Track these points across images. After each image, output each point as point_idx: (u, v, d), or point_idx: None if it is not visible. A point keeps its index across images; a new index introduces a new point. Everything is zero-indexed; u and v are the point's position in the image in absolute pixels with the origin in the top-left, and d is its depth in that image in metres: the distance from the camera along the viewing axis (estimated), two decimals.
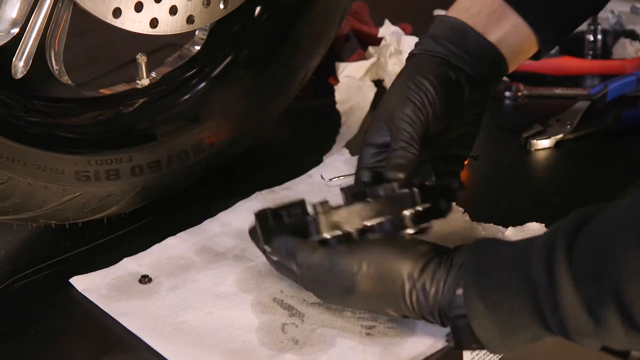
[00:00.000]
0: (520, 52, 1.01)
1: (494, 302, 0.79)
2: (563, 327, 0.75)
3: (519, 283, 0.77)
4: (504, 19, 0.99)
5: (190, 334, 0.91)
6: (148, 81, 1.16)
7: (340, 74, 1.38)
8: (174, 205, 1.14)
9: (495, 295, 0.79)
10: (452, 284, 0.83)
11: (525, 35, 1.00)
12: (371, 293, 0.85)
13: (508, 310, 0.78)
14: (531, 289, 0.76)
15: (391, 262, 0.85)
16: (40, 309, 0.98)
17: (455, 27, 0.99)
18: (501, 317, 0.79)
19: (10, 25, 0.99)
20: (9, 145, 0.97)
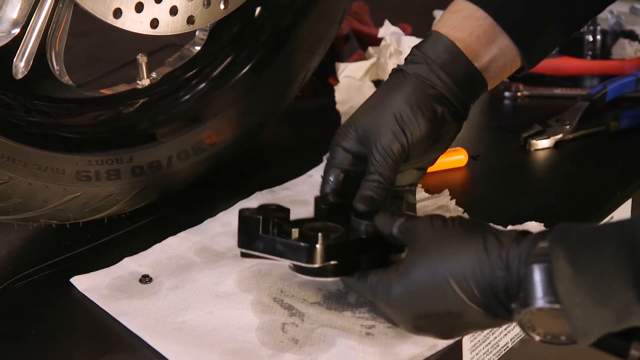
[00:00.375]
0: (503, 73, 1.02)
1: (583, 262, 0.72)
2: None
3: (616, 243, 0.72)
4: (492, 42, 0.99)
5: (190, 334, 0.91)
6: (148, 81, 1.16)
7: (340, 74, 1.39)
8: (174, 205, 1.14)
9: (587, 256, 0.72)
10: (532, 240, 0.76)
11: (511, 57, 1.00)
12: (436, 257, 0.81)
13: (600, 273, 0.71)
14: (631, 249, 0.71)
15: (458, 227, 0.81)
16: (41, 308, 0.98)
17: (448, 51, 0.98)
18: (590, 280, 0.71)
19: (11, 26, 1.00)
20: (10, 145, 0.98)
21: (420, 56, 0.98)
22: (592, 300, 0.72)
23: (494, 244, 0.78)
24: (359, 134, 0.97)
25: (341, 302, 0.94)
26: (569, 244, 0.74)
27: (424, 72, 0.97)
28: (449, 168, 1.18)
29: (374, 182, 0.94)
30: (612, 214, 1.10)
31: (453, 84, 0.98)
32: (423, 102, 0.96)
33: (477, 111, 1.35)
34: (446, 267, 0.80)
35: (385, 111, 0.96)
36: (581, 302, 0.72)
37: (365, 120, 0.97)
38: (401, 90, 0.97)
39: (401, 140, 0.95)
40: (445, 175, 1.18)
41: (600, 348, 1.51)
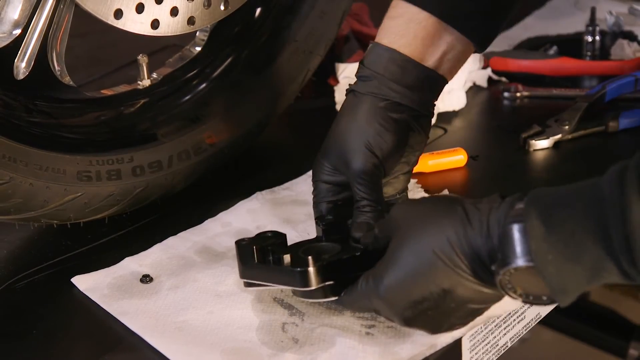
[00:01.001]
0: (459, 63, 1.02)
1: (555, 221, 0.74)
2: (629, 244, 0.70)
3: (585, 201, 0.73)
4: (438, 39, 0.99)
5: (191, 333, 0.92)
6: (149, 82, 1.16)
7: (340, 74, 1.39)
8: (174, 205, 1.14)
9: (558, 215, 0.74)
10: (509, 202, 0.78)
11: (462, 47, 1.00)
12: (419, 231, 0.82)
13: (570, 231, 0.73)
14: (599, 206, 0.72)
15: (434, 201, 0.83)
16: (42, 308, 0.98)
17: (393, 60, 0.98)
18: (561, 238, 0.73)
19: (12, 27, 1.00)
20: (11, 145, 0.98)
21: (368, 73, 0.99)
22: (564, 257, 0.73)
23: (474, 212, 0.80)
24: (332, 166, 0.99)
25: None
26: (542, 203, 0.75)
27: (375, 88, 0.98)
28: (449, 168, 1.18)
29: (365, 208, 0.95)
30: None
31: (406, 90, 0.98)
32: (382, 117, 0.97)
33: (477, 112, 1.35)
34: (430, 242, 0.81)
35: (349, 137, 0.98)
36: (553, 258, 0.74)
37: (333, 151, 0.99)
38: (358, 111, 0.98)
39: (373, 161, 0.97)
40: (445, 176, 1.18)
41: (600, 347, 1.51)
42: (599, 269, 0.73)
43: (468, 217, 0.80)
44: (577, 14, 1.54)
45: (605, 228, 0.72)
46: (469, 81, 1.37)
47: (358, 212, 0.96)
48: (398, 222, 0.85)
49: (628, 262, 0.72)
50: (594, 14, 1.46)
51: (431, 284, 0.81)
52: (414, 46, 0.98)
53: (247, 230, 1.08)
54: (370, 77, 0.99)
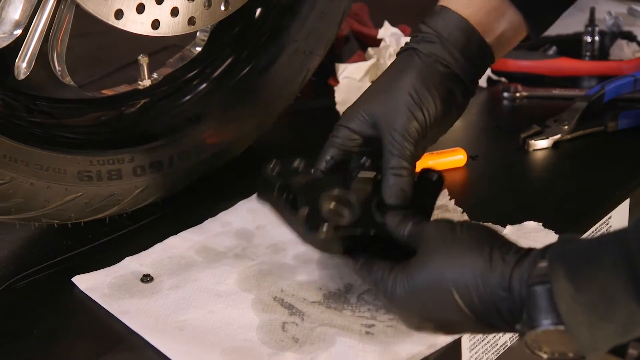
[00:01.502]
0: (509, 46, 1.01)
1: (583, 279, 0.71)
2: None
3: (613, 256, 0.71)
4: (502, 16, 0.97)
5: (191, 333, 0.92)
6: (150, 82, 1.17)
7: (340, 74, 1.39)
8: (175, 205, 1.14)
9: (586, 271, 0.72)
10: (534, 257, 0.76)
11: (518, 30, 0.99)
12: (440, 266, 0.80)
13: (601, 288, 0.71)
14: (627, 258, 0.70)
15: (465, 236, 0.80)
16: (43, 307, 0.98)
17: (461, 28, 0.96)
18: (591, 296, 0.71)
19: (13, 27, 1.00)
20: (12, 145, 0.98)
21: (432, 34, 0.96)
22: (596, 316, 0.71)
23: (499, 262, 0.77)
24: (368, 117, 0.95)
25: (341, 301, 0.95)
26: (567, 261, 0.73)
27: (438, 51, 0.95)
28: (448, 168, 1.18)
29: (401, 170, 0.92)
30: (610, 214, 1.10)
31: (466, 62, 0.96)
32: (438, 81, 0.95)
33: (476, 112, 1.35)
34: (450, 277, 0.79)
35: (399, 91, 0.94)
36: (584, 319, 0.72)
37: (376, 102, 0.95)
38: (415, 68, 0.95)
39: (419, 119, 0.93)
40: (445, 175, 1.18)
41: None
42: (632, 324, 0.71)
43: (491, 265, 0.78)
44: (577, 15, 1.54)
45: (636, 282, 0.70)
46: None
47: (391, 172, 0.92)
48: (428, 240, 0.83)
49: None
50: (593, 14, 1.47)
51: (441, 313, 0.80)
52: (479, 18, 0.96)
53: (248, 230, 1.08)
54: (435, 39, 0.96)
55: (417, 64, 0.96)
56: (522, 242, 1.00)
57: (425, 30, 0.97)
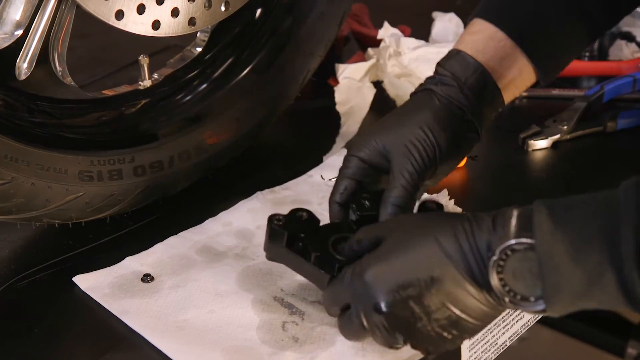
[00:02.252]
0: (518, 91, 1.03)
1: (563, 220, 0.74)
2: (638, 245, 0.70)
3: (597, 203, 0.73)
4: (513, 63, 1.00)
5: (191, 332, 0.92)
6: (150, 82, 1.17)
7: (340, 75, 1.39)
8: (175, 205, 1.15)
9: (568, 214, 0.74)
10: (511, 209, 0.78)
11: (528, 76, 1.01)
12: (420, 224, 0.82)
13: (577, 230, 0.73)
14: (611, 207, 0.72)
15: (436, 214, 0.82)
16: (44, 307, 0.99)
17: (477, 74, 0.98)
18: (568, 235, 0.73)
19: (14, 27, 1.00)
20: (13, 145, 0.98)
21: (449, 77, 0.98)
22: (567, 255, 0.73)
23: (481, 215, 0.80)
24: (380, 147, 0.97)
25: None
26: (554, 204, 0.76)
27: (454, 94, 0.98)
28: None
29: (399, 200, 0.93)
30: None
31: (479, 106, 0.98)
32: (452, 122, 0.97)
33: None
34: (435, 229, 0.80)
35: (413, 126, 0.96)
36: (555, 253, 0.73)
37: (389, 134, 0.97)
38: (430, 107, 0.97)
39: (430, 155, 0.95)
40: None
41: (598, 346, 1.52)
42: (598, 274, 0.72)
43: (476, 217, 0.79)
44: None
45: (614, 231, 0.71)
46: None
47: (390, 202, 0.93)
48: (393, 225, 0.85)
49: (631, 268, 0.71)
50: None
51: (421, 268, 0.80)
52: (492, 65, 0.99)
53: (248, 230, 1.08)
54: (452, 83, 0.98)
55: (434, 103, 0.98)
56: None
57: (442, 73, 0.99)
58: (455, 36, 1.41)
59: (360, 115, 1.33)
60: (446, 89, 0.98)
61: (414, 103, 0.99)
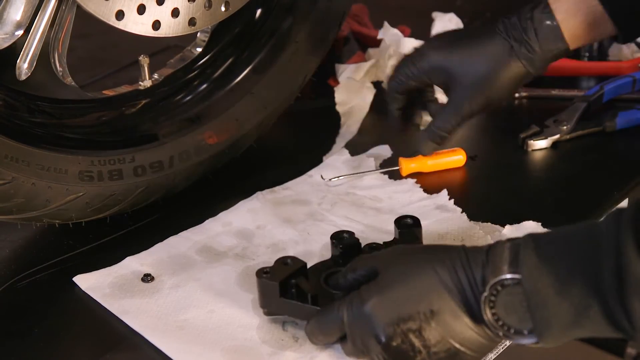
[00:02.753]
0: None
1: (549, 253, 0.75)
2: (619, 281, 0.70)
3: (580, 238, 0.75)
4: (597, 29, 1.07)
5: (192, 332, 0.92)
6: (150, 82, 1.17)
7: (340, 75, 1.39)
8: (175, 204, 1.15)
9: (553, 247, 0.75)
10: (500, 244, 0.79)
11: (606, 36, 1.09)
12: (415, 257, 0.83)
13: (562, 264, 0.74)
14: (594, 240, 0.73)
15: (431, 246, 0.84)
16: (44, 307, 0.99)
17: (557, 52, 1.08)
18: (553, 270, 0.74)
19: (14, 28, 1.00)
20: (13, 145, 0.98)
21: (528, 41, 1.07)
22: (553, 290, 0.74)
23: (474, 249, 0.80)
24: (444, 71, 1.08)
25: None
26: (539, 238, 0.76)
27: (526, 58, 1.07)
28: (448, 168, 1.19)
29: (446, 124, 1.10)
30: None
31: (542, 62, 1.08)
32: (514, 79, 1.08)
33: None
34: (432, 261, 0.81)
35: (481, 67, 1.06)
36: (542, 288, 0.74)
37: (458, 65, 1.08)
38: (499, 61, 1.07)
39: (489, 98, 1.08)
40: (444, 175, 1.18)
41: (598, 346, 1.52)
42: (584, 307, 0.73)
43: (471, 251, 0.80)
44: None
45: (597, 263, 0.72)
46: None
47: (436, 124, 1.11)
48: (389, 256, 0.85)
49: (615, 300, 0.72)
50: None
51: (422, 300, 0.80)
52: (575, 31, 1.07)
53: (248, 229, 1.09)
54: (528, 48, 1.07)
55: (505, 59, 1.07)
56: None
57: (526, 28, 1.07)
58: None
59: (360, 115, 1.33)
60: (524, 53, 1.07)
61: (486, 45, 1.08)
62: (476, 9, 1.57)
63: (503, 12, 1.10)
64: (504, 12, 1.10)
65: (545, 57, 1.08)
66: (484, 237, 1.04)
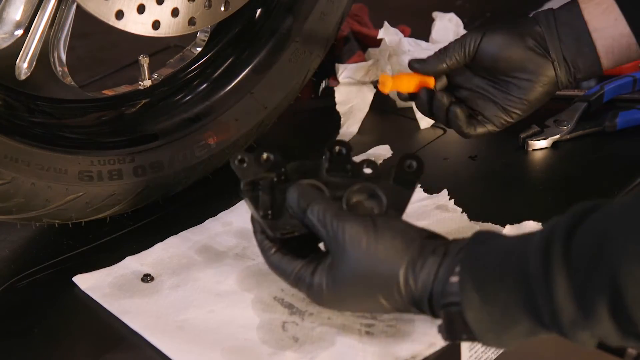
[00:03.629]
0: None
1: (489, 293, 0.78)
2: (556, 319, 0.74)
3: (515, 275, 0.77)
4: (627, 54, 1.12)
5: (191, 332, 0.92)
6: (150, 82, 1.17)
7: (340, 75, 1.39)
8: (175, 204, 1.15)
9: (491, 287, 0.78)
10: (447, 269, 0.82)
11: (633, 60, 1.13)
12: (365, 274, 0.85)
13: (503, 303, 0.77)
14: (526, 281, 0.76)
15: (387, 243, 0.84)
16: (44, 307, 0.99)
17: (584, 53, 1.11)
18: (495, 310, 0.78)
19: (14, 27, 1.00)
20: (13, 145, 0.98)
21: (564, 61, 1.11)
22: (499, 328, 0.78)
23: (417, 275, 0.83)
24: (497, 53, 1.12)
25: None
26: (476, 276, 0.80)
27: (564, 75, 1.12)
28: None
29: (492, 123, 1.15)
30: None
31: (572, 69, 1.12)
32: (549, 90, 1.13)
33: None
34: (376, 283, 0.84)
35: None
36: (490, 328, 0.79)
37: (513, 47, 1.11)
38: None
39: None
40: (444, 176, 1.18)
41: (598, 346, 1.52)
42: (533, 334, 0.78)
43: (409, 279, 0.83)
44: None
45: (534, 303, 0.76)
46: None
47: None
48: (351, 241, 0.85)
49: (560, 333, 0.75)
50: None
51: (366, 309, 0.89)
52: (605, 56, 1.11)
53: (248, 229, 1.08)
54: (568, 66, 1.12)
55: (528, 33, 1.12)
56: None
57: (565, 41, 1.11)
58: (455, 36, 1.41)
59: (360, 115, 1.33)
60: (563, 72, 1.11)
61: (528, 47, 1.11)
62: (476, 9, 1.57)
63: (503, 12, 1.10)
64: (504, 12, 1.10)
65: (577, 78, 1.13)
66: None
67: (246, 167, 0.92)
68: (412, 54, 1.36)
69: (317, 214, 0.87)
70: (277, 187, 0.92)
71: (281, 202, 0.91)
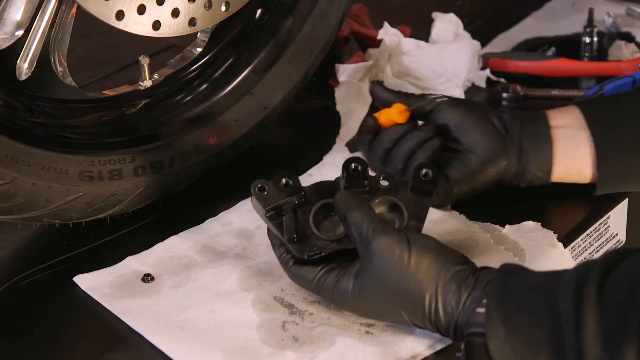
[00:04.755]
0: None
1: (514, 325, 0.80)
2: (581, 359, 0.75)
3: (543, 311, 0.78)
4: (581, 175, 1.10)
5: (192, 332, 0.92)
6: (150, 83, 1.17)
7: (340, 75, 1.39)
8: (176, 204, 1.15)
9: (517, 320, 0.80)
10: (474, 300, 0.83)
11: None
12: (391, 288, 0.86)
13: (527, 337, 0.79)
14: (555, 319, 0.77)
15: (418, 263, 0.86)
16: (44, 307, 0.99)
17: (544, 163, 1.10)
18: (518, 342, 0.79)
19: (14, 28, 1.00)
20: (14, 145, 0.98)
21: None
22: (520, 358, 0.79)
23: (445, 304, 0.85)
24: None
25: None
26: (503, 308, 0.81)
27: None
28: None
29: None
30: (608, 214, 1.11)
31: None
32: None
33: None
34: (400, 303, 0.86)
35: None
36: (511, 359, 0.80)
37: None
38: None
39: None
40: None
41: None
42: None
43: (436, 307, 0.85)
44: (575, 16, 1.54)
45: (560, 340, 0.76)
46: (468, 81, 1.38)
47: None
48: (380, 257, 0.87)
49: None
50: (591, 15, 1.47)
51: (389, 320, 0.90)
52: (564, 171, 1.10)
53: (248, 229, 1.09)
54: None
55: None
56: (521, 242, 1.01)
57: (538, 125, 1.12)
58: (455, 36, 1.41)
59: (360, 115, 1.32)
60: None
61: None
62: (476, 9, 1.57)
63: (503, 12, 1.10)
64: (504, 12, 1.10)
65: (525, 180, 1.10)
66: (484, 236, 1.04)
67: (267, 194, 0.93)
68: (412, 54, 1.36)
69: (355, 220, 0.89)
70: (298, 209, 0.93)
71: (304, 223, 0.93)
